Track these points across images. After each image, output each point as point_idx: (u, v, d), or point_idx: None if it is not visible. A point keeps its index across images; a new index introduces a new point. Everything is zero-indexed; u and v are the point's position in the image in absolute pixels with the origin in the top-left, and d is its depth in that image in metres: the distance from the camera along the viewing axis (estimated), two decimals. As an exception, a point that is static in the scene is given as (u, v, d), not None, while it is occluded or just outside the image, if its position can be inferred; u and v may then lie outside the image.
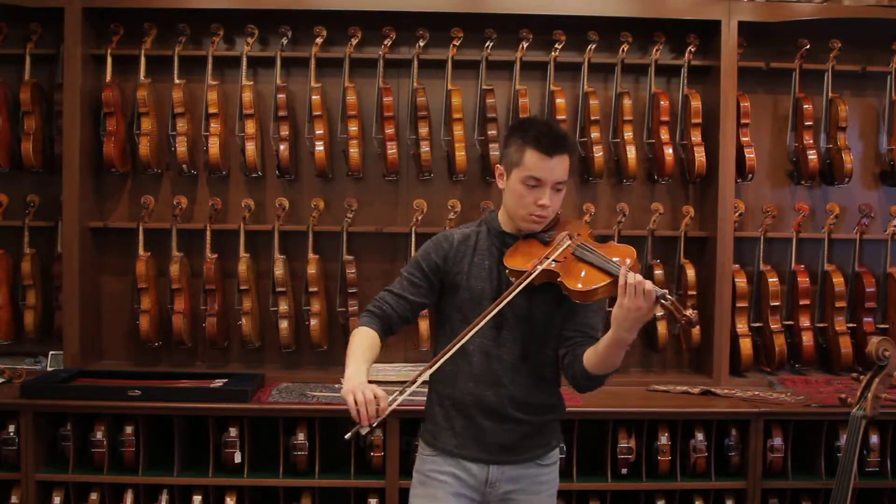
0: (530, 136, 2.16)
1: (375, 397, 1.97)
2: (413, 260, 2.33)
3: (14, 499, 3.28)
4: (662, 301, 1.95)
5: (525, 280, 2.11)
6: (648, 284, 1.94)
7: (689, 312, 1.95)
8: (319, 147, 3.69)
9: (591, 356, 2.12)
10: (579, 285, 2.07)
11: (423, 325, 3.62)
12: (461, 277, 2.24)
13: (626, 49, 3.78)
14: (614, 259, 2.06)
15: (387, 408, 1.98)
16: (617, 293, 1.98)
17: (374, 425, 1.98)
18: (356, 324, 3.73)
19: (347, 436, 2.01)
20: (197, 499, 3.32)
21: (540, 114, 3.81)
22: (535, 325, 2.23)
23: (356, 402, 1.96)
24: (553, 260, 2.13)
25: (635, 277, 1.95)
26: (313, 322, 3.70)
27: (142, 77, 3.71)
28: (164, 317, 3.79)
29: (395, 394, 2.03)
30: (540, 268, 2.12)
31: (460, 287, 2.24)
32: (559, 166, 2.16)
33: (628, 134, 3.78)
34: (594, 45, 3.77)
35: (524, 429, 2.26)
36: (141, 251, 3.71)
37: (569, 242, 2.17)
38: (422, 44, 3.74)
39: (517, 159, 2.18)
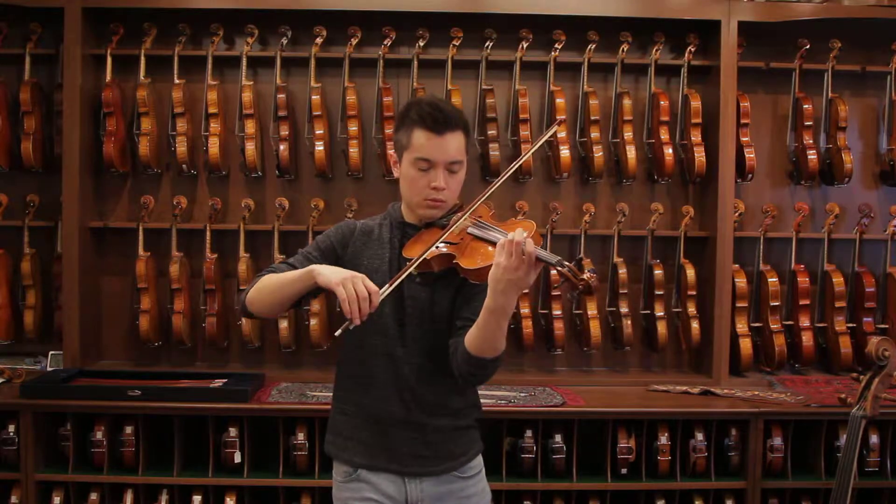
0: (416, 116, 2.03)
1: (369, 292, 1.85)
2: (313, 242, 2.19)
3: (14, 499, 3.28)
4: (559, 268, 1.78)
5: (417, 261, 1.94)
6: (530, 245, 1.77)
7: (586, 276, 1.76)
8: (319, 147, 3.69)
9: (471, 334, 1.92)
10: (478, 261, 1.93)
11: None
12: (360, 271, 2.01)
13: (625, 49, 3.78)
14: (512, 233, 1.83)
15: (377, 303, 1.87)
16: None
17: (364, 321, 1.87)
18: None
19: (338, 333, 1.89)
20: (197, 499, 3.32)
21: (540, 114, 3.82)
22: (439, 321, 2.07)
23: (349, 296, 1.83)
24: (446, 242, 1.98)
25: (517, 235, 1.78)
26: (313, 322, 3.70)
27: (142, 77, 3.71)
28: (163, 317, 3.79)
29: (385, 287, 1.91)
30: (433, 248, 1.95)
31: None
32: (451, 144, 2.03)
33: (628, 134, 3.78)
34: (594, 45, 3.77)
35: (436, 437, 2.10)
36: (141, 251, 3.71)
37: (464, 222, 2.02)
38: (422, 44, 3.74)
39: (406, 142, 2.05)
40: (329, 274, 1.92)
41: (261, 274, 2.13)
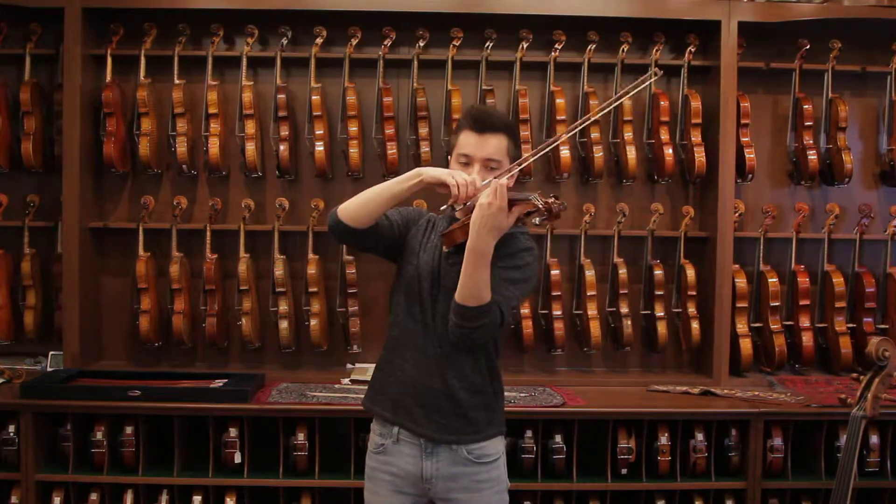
0: (465, 118, 2.30)
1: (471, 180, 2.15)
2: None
3: (14, 499, 3.28)
4: (530, 199, 2.09)
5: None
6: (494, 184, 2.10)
7: (550, 200, 2.08)
8: (319, 147, 3.69)
9: (458, 283, 2.17)
10: None
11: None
12: (417, 249, 2.34)
13: (626, 49, 3.78)
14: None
15: (481, 188, 2.13)
16: (529, 209, 2.13)
17: (467, 204, 2.16)
18: (356, 324, 3.77)
19: (443, 208, 2.19)
20: (197, 499, 3.32)
21: (540, 114, 3.82)
22: None
23: (459, 182, 2.13)
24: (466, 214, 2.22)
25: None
26: (313, 322, 3.70)
27: (142, 77, 3.71)
28: (164, 317, 3.79)
29: (490, 178, 2.17)
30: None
31: (413, 257, 2.33)
32: (489, 143, 2.24)
33: (628, 134, 3.78)
34: (594, 46, 3.77)
35: (451, 405, 2.27)
36: (141, 251, 3.71)
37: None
38: (422, 44, 3.74)
39: (454, 142, 2.32)
40: (435, 170, 2.21)
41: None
